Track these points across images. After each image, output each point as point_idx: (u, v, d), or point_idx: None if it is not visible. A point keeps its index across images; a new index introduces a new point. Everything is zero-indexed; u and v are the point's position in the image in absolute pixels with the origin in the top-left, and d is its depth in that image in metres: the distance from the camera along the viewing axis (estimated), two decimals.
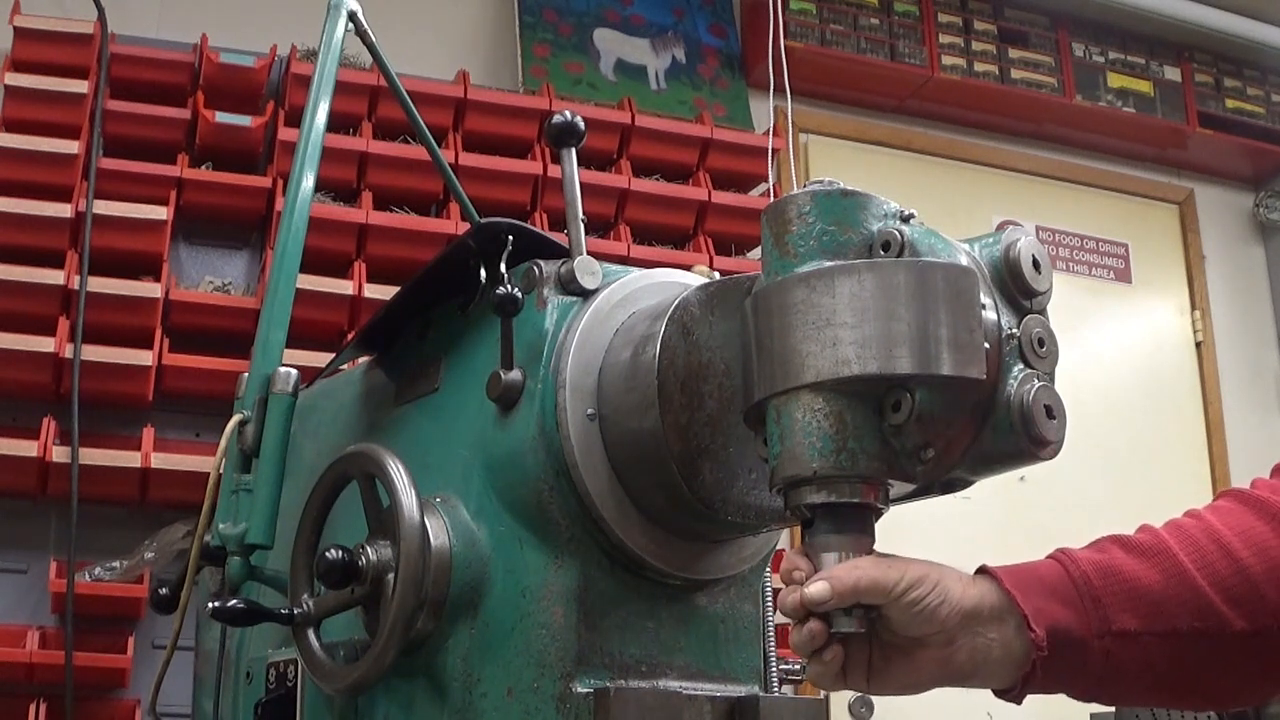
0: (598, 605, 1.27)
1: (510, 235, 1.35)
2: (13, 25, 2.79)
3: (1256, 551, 1.07)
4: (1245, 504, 1.12)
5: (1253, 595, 1.06)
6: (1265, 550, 1.07)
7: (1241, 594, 1.07)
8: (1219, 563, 1.08)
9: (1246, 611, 1.06)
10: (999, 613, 1.08)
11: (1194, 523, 1.12)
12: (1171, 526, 1.13)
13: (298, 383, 1.53)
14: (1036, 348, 1.12)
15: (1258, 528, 1.08)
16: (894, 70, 3.82)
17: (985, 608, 1.08)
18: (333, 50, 1.79)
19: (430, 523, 1.29)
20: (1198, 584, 1.07)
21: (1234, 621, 1.06)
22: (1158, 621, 1.06)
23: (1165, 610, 1.06)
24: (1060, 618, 1.07)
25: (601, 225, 3.21)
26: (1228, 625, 1.06)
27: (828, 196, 1.12)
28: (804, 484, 1.08)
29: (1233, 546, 1.08)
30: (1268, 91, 4.36)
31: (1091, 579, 1.08)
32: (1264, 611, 1.06)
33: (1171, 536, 1.10)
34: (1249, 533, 1.09)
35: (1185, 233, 4.34)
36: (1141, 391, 4.06)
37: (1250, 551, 1.07)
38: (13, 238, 2.66)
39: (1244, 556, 1.07)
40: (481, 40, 3.52)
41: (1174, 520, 1.13)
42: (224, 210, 2.95)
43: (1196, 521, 1.12)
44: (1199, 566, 1.08)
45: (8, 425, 2.66)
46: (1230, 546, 1.08)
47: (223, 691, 1.64)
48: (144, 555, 2.57)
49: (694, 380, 1.24)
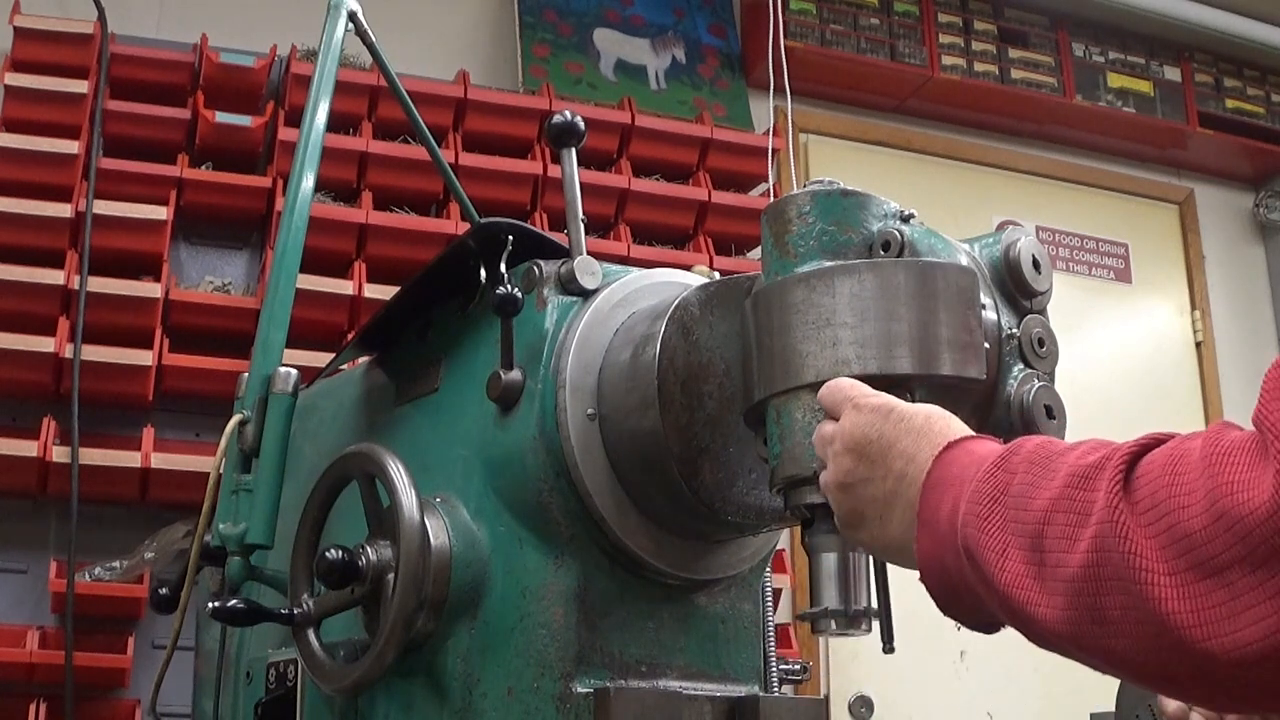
0: (598, 605, 1.27)
1: (510, 235, 1.35)
2: (13, 25, 2.79)
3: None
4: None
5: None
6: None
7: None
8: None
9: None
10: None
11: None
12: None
13: (298, 383, 1.53)
14: (1036, 348, 1.12)
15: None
16: (894, 70, 3.82)
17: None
18: (333, 50, 1.79)
19: (430, 523, 1.29)
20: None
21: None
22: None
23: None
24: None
25: (601, 225, 3.21)
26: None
27: (828, 196, 1.12)
28: (804, 484, 1.08)
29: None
30: (1268, 91, 4.36)
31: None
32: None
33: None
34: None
35: (1185, 233, 4.34)
36: (1141, 391, 4.06)
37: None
38: (13, 238, 2.66)
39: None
40: (481, 40, 3.51)
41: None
42: (224, 210, 2.95)
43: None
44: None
45: (8, 425, 2.66)
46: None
47: (223, 691, 1.64)
48: (144, 555, 2.57)
49: (694, 380, 1.24)
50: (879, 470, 0.98)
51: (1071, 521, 0.82)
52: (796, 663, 1.62)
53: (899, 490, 0.96)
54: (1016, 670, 3.45)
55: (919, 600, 0.96)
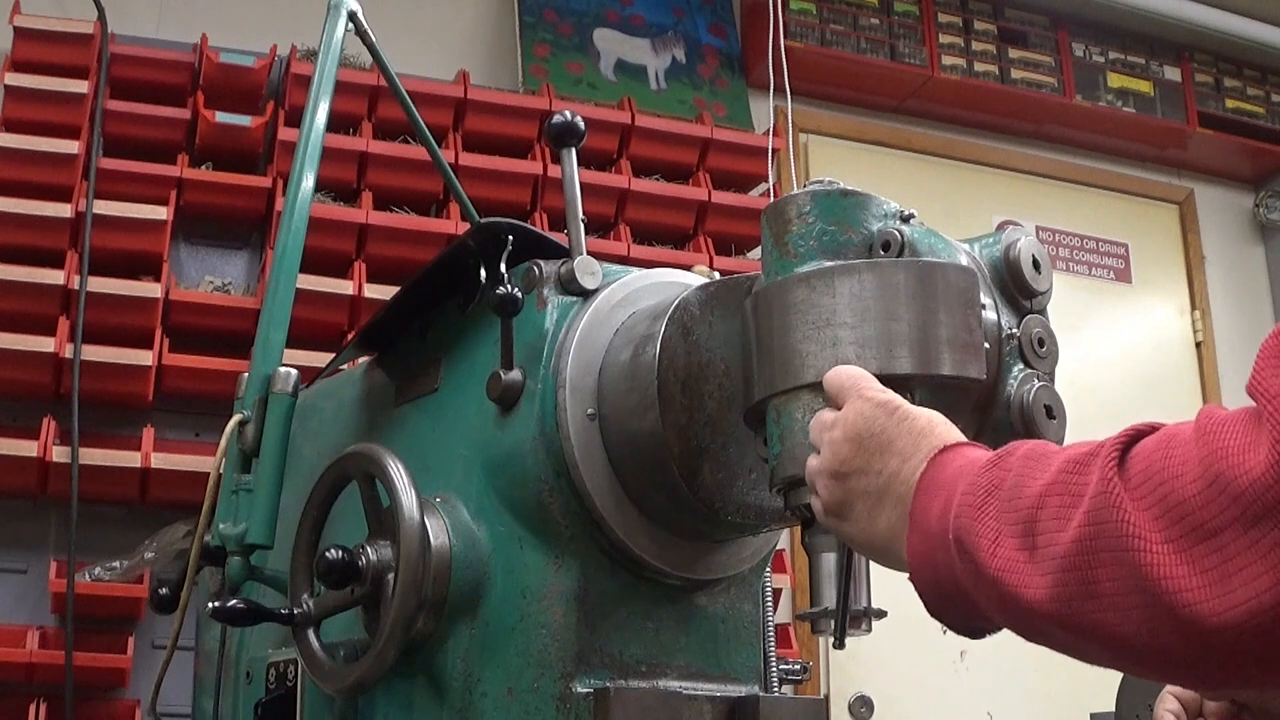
0: (598, 605, 1.27)
1: (510, 235, 1.35)
2: (13, 25, 2.79)
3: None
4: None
5: None
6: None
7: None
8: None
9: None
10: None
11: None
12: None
13: (298, 383, 1.53)
14: (1036, 348, 1.12)
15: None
16: (894, 70, 3.82)
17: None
18: (333, 50, 1.80)
19: (430, 523, 1.29)
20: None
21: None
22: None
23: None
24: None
25: (601, 225, 3.21)
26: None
27: (828, 196, 1.12)
28: (804, 484, 1.08)
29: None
30: (1268, 91, 4.36)
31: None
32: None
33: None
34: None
35: (1185, 233, 4.34)
36: (1141, 391, 4.06)
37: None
38: (13, 238, 2.66)
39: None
40: (481, 40, 3.51)
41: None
42: (224, 210, 2.95)
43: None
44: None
45: (8, 425, 2.66)
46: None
47: (223, 691, 1.64)
48: (144, 555, 2.57)
49: (694, 380, 1.24)
50: (875, 464, 0.98)
51: (1065, 504, 0.82)
52: (796, 663, 1.62)
53: (890, 487, 0.96)
54: (1016, 670, 3.45)
55: (919, 601, 0.96)
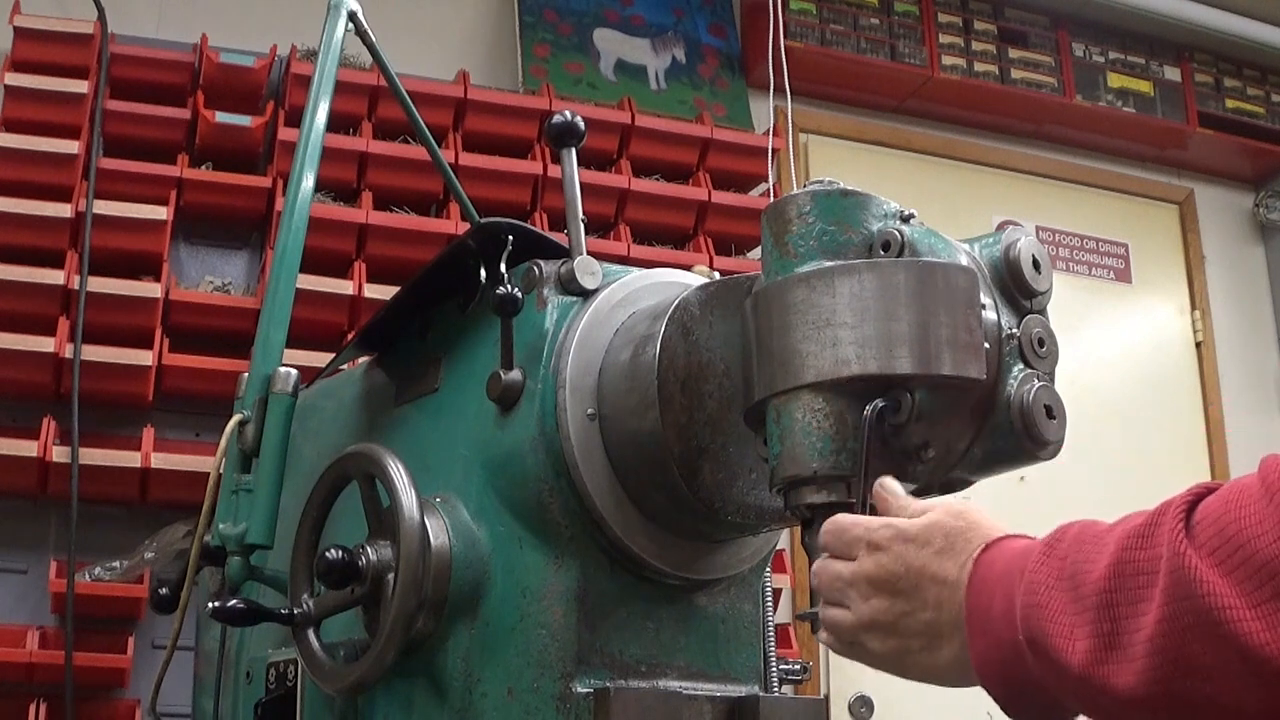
0: (598, 605, 1.27)
1: (510, 235, 1.35)
2: (13, 25, 2.79)
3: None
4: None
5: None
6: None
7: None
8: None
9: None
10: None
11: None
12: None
13: (298, 383, 1.53)
14: (1036, 348, 1.12)
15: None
16: (894, 70, 3.82)
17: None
18: (333, 50, 1.80)
19: (430, 523, 1.29)
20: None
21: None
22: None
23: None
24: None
25: (601, 225, 3.20)
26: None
27: (828, 196, 1.12)
28: (804, 484, 1.08)
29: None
30: (1268, 91, 4.36)
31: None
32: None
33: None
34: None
35: (1185, 233, 4.34)
36: (1141, 391, 4.06)
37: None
38: (13, 238, 2.66)
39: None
40: (481, 40, 3.51)
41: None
42: (224, 210, 2.95)
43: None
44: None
45: (8, 425, 2.66)
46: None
47: (223, 691, 1.64)
48: (144, 555, 2.57)
49: (694, 380, 1.24)
50: (915, 602, 0.96)
51: (1138, 584, 0.80)
52: (796, 663, 1.62)
53: (940, 617, 0.95)
54: None
55: None
